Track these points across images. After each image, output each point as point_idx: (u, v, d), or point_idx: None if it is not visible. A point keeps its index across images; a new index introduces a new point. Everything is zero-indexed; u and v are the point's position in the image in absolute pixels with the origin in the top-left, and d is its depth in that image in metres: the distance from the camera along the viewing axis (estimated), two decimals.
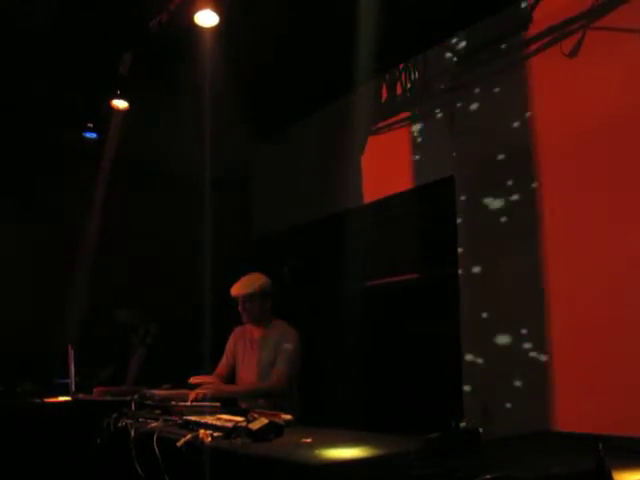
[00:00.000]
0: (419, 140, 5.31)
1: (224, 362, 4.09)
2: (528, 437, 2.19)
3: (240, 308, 3.88)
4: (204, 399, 3.36)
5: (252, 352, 3.93)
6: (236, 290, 3.86)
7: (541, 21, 4.33)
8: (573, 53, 4.13)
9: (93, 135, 5.91)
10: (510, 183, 4.46)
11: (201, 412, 3.04)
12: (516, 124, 4.47)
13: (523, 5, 4.46)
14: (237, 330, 4.12)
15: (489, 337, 4.43)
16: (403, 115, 5.46)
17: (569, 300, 3.98)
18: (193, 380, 3.63)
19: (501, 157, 4.55)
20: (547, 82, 4.30)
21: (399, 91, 5.52)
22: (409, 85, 5.41)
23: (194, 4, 4.14)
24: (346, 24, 4.44)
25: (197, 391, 3.47)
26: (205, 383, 3.62)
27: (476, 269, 4.62)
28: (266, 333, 3.90)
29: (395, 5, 4.29)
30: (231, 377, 4.04)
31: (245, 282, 3.89)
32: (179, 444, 2.46)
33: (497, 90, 4.63)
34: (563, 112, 4.16)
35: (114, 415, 3.14)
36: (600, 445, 1.41)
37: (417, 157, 5.32)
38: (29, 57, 4.98)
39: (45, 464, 3.62)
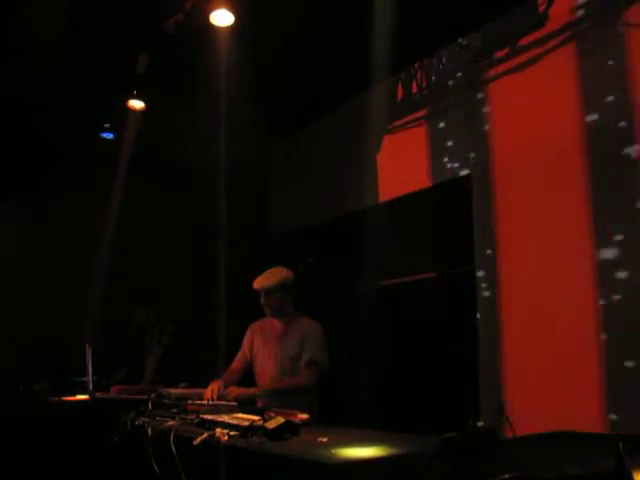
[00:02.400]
0: (435, 138, 5.29)
1: (240, 357, 4.05)
2: (546, 436, 2.17)
3: (262, 301, 3.87)
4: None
5: (273, 345, 3.88)
6: (257, 283, 3.86)
7: (557, 18, 4.30)
8: (588, 50, 4.09)
9: (110, 135, 5.95)
10: (527, 180, 4.44)
11: (218, 411, 3.05)
12: (531, 121, 4.44)
13: (539, 2, 4.43)
14: (255, 325, 4.10)
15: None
16: (419, 113, 5.45)
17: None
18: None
19: (518, 154, 4.52)
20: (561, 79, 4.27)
21: (415, 89, 5.50)
22: (425, 83, 5.39)
23: (210, 4, 4.16)
24: (361, 23, 4.44)
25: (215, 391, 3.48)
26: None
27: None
28: (289, 327, 3.87)
29: (410, 3, 4.28)
30: (246, 372, 4.03)
31: (267, 275, 3.87)
32: (196, 443, 2.46)
33: (513, 86, 4.61)
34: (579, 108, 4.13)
35: (131, 414, 3.15)
36: (620, 444, 1.38)
37: (433, 155, 5.30)
38: (46, 58, 5.01)
39: (63, 462, 3.64)
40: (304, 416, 2.81)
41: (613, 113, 3.97)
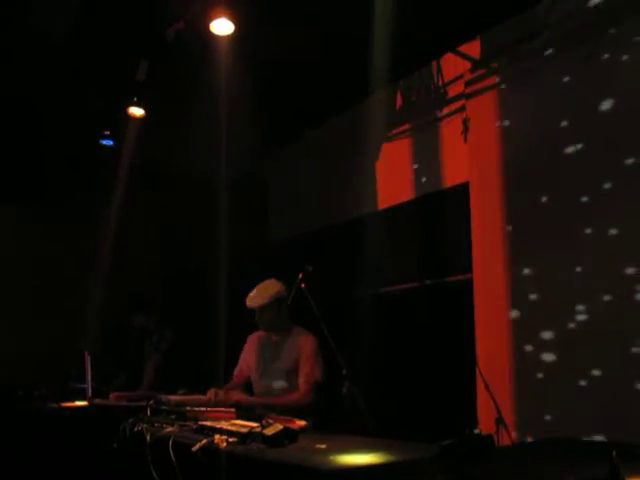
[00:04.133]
0: (434, 146, 5.31)
1: (238, 372, 4.07)
2: (542, 444, 2.18)
3: (256, 318, 3.86)
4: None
5: (271, 359, 3.91)
6: (250, 301, 3.82)
7: (556, 26, 4.33)
8: (588, 58, 4.12)
9: (110, 142, 5.97)
10: (526, 188, 4.46)
11: (216, 418, 3.06)
12: (530, 129, 4.46)
13: (538, 11, 4.45)
14: (252, 337, 4.10)
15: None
16: (417, 122, 5.47)
17: None
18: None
19: (516, 162, 4.54)
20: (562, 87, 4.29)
21: (414, 97, 5.52)
22: (424, 91, 5.42)
23: (210, 13, 4.17)
24: (361, 31, 4.46)
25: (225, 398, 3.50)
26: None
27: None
28: (284, 340, 3.87)
29: (409, 11, 4.30)
30: (247, 384, 4.04)
31: (259, 292, 3.84)
32: (194, 449, 2.47)
33: (511, 95, 4.63)
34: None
35: (130, 420, 3.16)
36: (614, 452, 1.40)
37: (432, 163, 5.32)
38: (47, 65, 5.04)
39: (61, 468, 3.64)
40: (302, 423, 2.82)
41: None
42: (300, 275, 3.83)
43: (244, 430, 2.54)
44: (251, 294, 3.85)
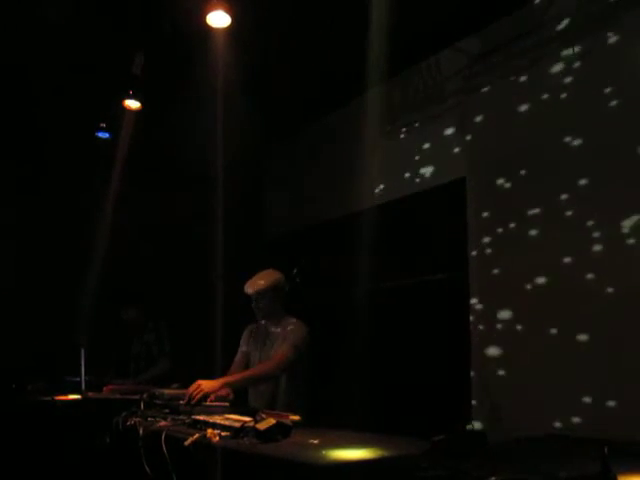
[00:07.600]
0: (431, 142, 5.31)
1: (239, 359, 4.07)
2: (535, 440, 2.18)
3: (253, 305, 3.88)
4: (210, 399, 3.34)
5: (263, 345, 3.93)
6: (249, 286, 3.87)
7: (554, 22, 4.32)
8: (586, 54, 4.11)
9: (106, 135, 5.95)
10: (522, 185, 4.46)
11: (209, 412, 3.05)
12: (528, 125, 4.46)
13: (536, 6, 4.44)
14: (250, 327, 4.12)
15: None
16: (415, 116, 5.46)
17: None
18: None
19: (513, 158, 4.54)
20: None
21: (412, 93, 5.51)
22: (422, 87, 5.41)
23: (206, 5, 4.16)
24: (358, 26, 4.45)
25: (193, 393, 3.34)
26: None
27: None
28: (277, 329, 3.90)
29: (407, 6, 4.29)
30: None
31: (257, 279, 3.89)
32: (187, 443, 2.46)
33: (509, 91, 4.62)
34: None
35: (123, 414, 3.15)
36: (606, 449, 1.40)
37: (429, 158, 5.31)
38: (42, 57, 5.02)
39: (54, 461, 3.63)
40: (295, 417, 2.82)
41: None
42: (295, 270, 3.83)
43: (237, 424, 2.53)
44: (250, 280, 3.89)
